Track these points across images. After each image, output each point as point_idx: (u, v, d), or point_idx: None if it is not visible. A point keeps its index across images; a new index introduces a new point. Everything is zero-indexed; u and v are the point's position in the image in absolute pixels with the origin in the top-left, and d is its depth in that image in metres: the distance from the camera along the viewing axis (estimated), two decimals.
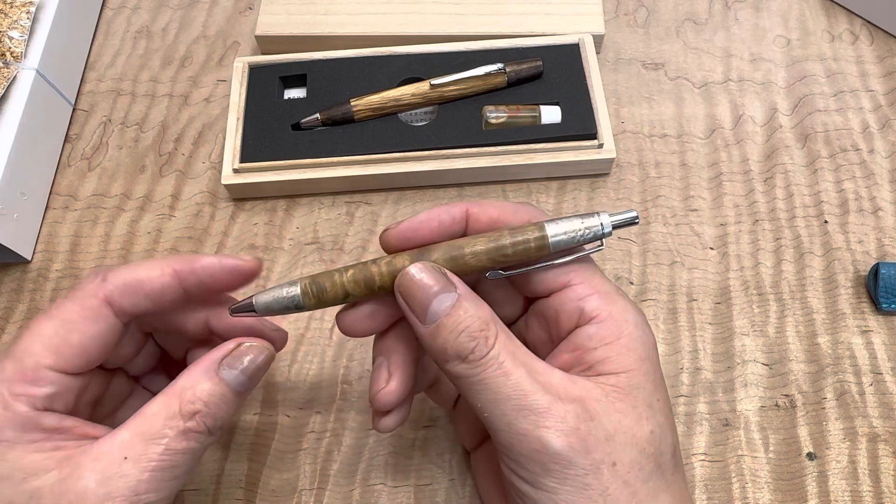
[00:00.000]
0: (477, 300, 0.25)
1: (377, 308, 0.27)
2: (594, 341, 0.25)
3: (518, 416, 0.23)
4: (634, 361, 0.25)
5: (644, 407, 0.25)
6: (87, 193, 0.44)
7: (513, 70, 0.42)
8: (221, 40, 0.49)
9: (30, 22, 0.43)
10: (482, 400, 0.24)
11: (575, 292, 0.26)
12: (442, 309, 0.24)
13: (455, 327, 0.24)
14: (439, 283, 0.25)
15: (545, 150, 0.41)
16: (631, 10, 0.49)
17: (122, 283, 0.27)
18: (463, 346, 0.24)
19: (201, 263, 0.27)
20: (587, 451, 0.23)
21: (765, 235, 0.41)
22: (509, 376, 0.24)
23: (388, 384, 0.27)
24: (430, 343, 0.25)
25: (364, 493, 0.34)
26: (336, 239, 0.41)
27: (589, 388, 0.24)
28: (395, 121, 0.42)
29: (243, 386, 0.26)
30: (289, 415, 0.36)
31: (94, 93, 0.47)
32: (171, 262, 0.27)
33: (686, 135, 0.44)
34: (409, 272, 0.25)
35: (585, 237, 0.26)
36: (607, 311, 0.26)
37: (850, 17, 0.48)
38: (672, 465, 0.25)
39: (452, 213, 0.27)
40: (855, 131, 0.44)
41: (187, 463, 0.25)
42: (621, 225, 0.26)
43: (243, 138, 0.42)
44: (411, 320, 0.25)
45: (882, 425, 0.35)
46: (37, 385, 0.25)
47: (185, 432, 0.25)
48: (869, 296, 0.38)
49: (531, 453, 0.23)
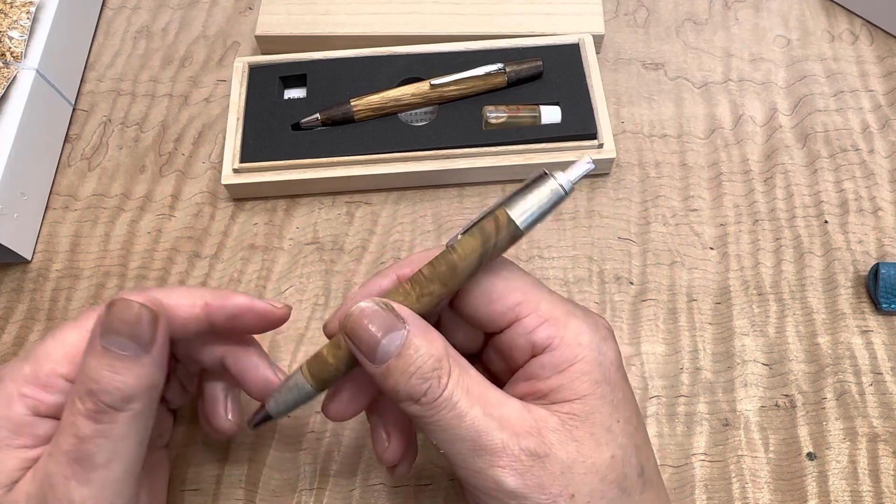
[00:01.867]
0: (428, 334, 0.24)
1: (354, 390, 0.27)
2: (547, 370, 0.25)
3: (473, 456, 0.23)
4: (588, 386, 0.25)
5: (603, 432, 0.24)
6: (87, 193, 0.44)
7: (513, 70, 0.42)
8: (221, 40, 0.49)
9: (30, 22, 0.43)
10: (437, 439, 0.24)
11: (523, 326, 0.26)
12: (392, 349, 0.24)
13: (406, 369, 0.23)
14: (385, 323, 0.24)
15: (545, 150, 0.41)
16: (631, 10, 0.49)
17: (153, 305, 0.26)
18: (415, 388, 0.23)
19: (233, 302, 0.27)
20: (542, 487, 0.23)
21: (765, 235, 0.41)
22: (463, 418, 0.23)
23: (389, 444, 0.28)
24: (383, 384, 0.24)
25: (364, 493, 0.34)
26: (336, 239, 0.41)
27: (544, 416, 0.24)
28: (395, 121, 0.42)
29: (124, 347, 0.24)
30: (289, 415, 0.36)
31: (94, 93, 0.47)
32: (204, 295, 0.27)
33: (686, 135, 0.44)
34: (353, 313, 0.24)
35: (551, 202, 0.25)
36: (559, 337, 0.25)
37: (850, 17, 0.48)
38: (640, 485, 0.25)
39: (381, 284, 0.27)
40: (855, 131, 0.44)
41: (109, 446, 0.24)
42: (579, 177, 0.25)
43: (243, 138, 0.42)
44: (362, 361, 0.24)
45: (882, 425, 0.35)
46: (47, 391, 0.25)
47: (87, 415, 0.23)
48: (869, 296, 0.38)
49: (488, 490, 0.23)
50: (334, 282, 0.40)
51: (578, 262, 0.40)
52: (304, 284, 0.40)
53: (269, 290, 0.40)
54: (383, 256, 0.41)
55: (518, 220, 0.24)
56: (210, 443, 0.36)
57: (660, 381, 0.37)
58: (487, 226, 0.25)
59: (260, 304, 0.28)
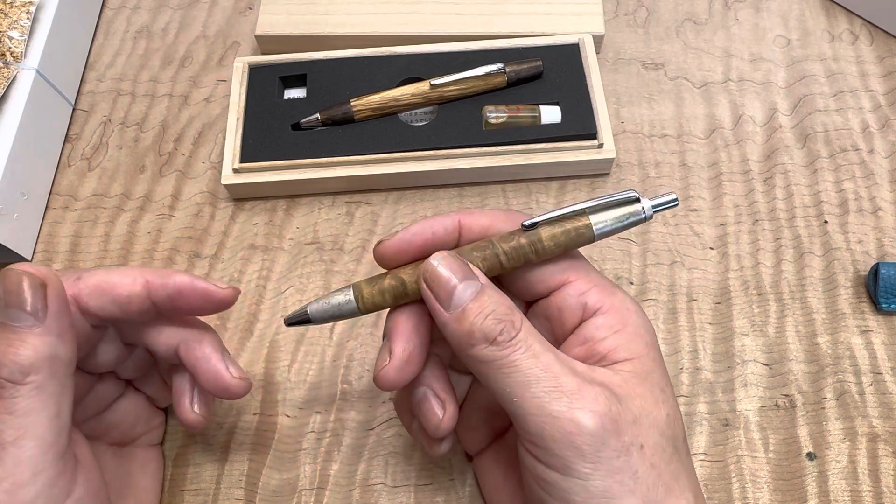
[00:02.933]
0: (499, 291, 0.25)
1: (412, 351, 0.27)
2: (603, 331, 0.26)
3: (550, 398, 0.23)
4: (643, 347, 0.26)
5: (658, 391, 0.25)
6: (87, 193, 0.44)
7: (513, 70, 0.42)
8: (221, 40, 0.49)
9: (30, 22, 0.43)
10: (511, 384, 0.24)
11: (575, 288, 0.27)
12: (467, 295, 0.25)
13: (481, 310, 0.24)
14: (462, 271, 0.25)
15: (545, 150, 0.41)
16: (631, 10, 0.49)
17: (93, 283, 0.26)
18: (491, 328, 0.24)
19: (173, 280, 0.27)
20: (619, 432, 0.23)
21: (765, 235, 0.41)
22: (539, 358, 0.24)
23: (446, 411, 0.27)
24: (456, 328, 0.24)
25: (364, 493, 0.34)
26: (336, 239, 0.41)
27: (609, 374, 0.25)
28: (395, 121, 0.42)
29: (16, 318, 0.24)
30: (289, 415, 0.36)
31: (94, 93, 0.47)
32: (144, 273, 0.27)
33: (686, 135, 0.44)
34: (432, 262, 0.25)
35: (629, 223, 0.26)
36: (609, 302, 0.26)
37: (850, 17, 0.48)
38: (685, 448, 0.26)
39: (445, 223, 0.27)
40: (855, 131, 0.44)
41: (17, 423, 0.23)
42: (662, 208, 0.27)
43: (243, 138, 0.42)
44: (435, 309, 0.25)
45: (882, 425, 0.35)
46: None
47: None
48: (869, 296, 0.38)
49: (564, 436, 0.23)
50: (334, 282, 0.40)
51: None
52: (304, 284, 0.40)
53: (269, 290, 0.40)
54: None
55: (596, 227, 0.26)
56: (210, 443, 0.36)
57: None
58: (573, 228, 0.26)
59: (201, 284, 0.28)
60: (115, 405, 0.32)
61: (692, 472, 0.26)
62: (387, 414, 0.36)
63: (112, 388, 0.31)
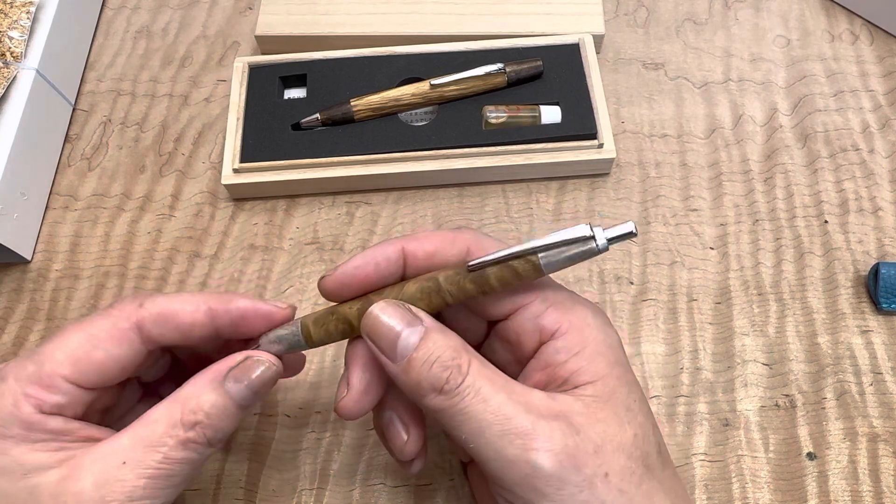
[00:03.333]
0: (445, 330, 0.25)
1: (365, 387, 0.27)
2: (562, 355, 0.25)
3: (504, 442, 0.23)
4: (605, 367, 0.25)
5: (624, 411, 0.24)
6: (87, 193, 0.44)
7: (513, 70, 0.42)
8: (221, 40, 0.49)
9: (30, 22, 0.43)
10: (465, 431, 0.23)
11: (530, 311, 0.26)
12: (410, 344, 0.24)
13: (426, 360, 0.24)
14: (404, 319, 0.24)
15: (545, 150, 0.41)
16: (631, 10, 0.49)
17: (156, 311, 0.26)
18: (436, 377, 0.24)
19: (237, 305, 0.27)
20: (578, 467, 0.23)
21: (765, 235, 0.41)
22: (488, 402, 0.23)
23: (409, 436, 0.27)
24: (405, 380, 0.24)
25: (364, 493, 0.34)
26: (336, 239, 0.41)
27: (569, 402, 0.24)
28: (395, 121, 0.42)
29: (247, 400, 0.26)
30: (289, 415, 0.36)
31: (94, 93, 0.47)
32: (207, 300, 0.27)
33: (686, 135, 0.44)
34: (373, 312, 0.25)
35: (579, 257, 0.25)
36: (567, 321, 0.26)
37: (850, 17, 0.48)
38: (660, 462, 0.25)
39: (387, 253, 0.27)
40: (855, 131, 0.44)
41: (185, 472, 0.25)
42: (617, 239, 0.24)
43: (243, 138, 0.42)
44: (382, 360, 0.25)
45: (882, 425, 0.35)
46: (49, 392, 0.25)
47: (184, 442, 0.24)
48: (869, 296, 0.38)
49: (522, 479, 0.23)
50: None
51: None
52: (304, 284, 0.40)
53: (269, 290, 0.40)
54: None
55: (545, 264, 0.25)
56: None
57: (660, 381, 0.37)
58: (520, 268, 0.25)
59: (263, 306, 0.28)
60: (134, 408, 0.32)
61: (672, 486, 0.25)
62: None
63: (135, 392, 0.31)
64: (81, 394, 0.26)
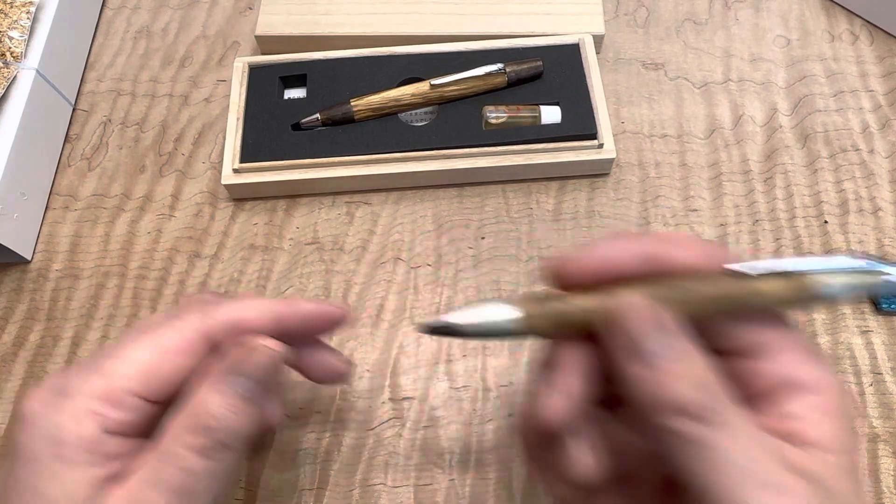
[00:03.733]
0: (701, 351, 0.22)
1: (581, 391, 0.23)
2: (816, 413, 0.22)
3: (746, 488, 0.20)
4: (850, 437, 0.22)
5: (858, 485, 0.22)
6: (87, 193, 0.44)
7: (513, 70, 0.42)
8: (221, 40, 0.49)
9: (30, 22, 0.43)
10: (700, 465, 0.20)
11: (782, 355, 0.23)
12: (669, 352, 0.21)
13: (685, 375, 0.21)
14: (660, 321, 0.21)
15: (545, 150, 0.41)
16: (631, 10, 0.49)
17: (224, 320, 0.26)
18: (695, 399, 0.20)
19: (303, 309, 0.27)
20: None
21: (765, 235, 0.41)
22: (737, 440, 0.20)
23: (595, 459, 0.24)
24: (650, 390, 0.21)
25: (364, 493, 0.34)
26: (336, 239, 0.41)
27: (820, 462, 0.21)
28: (395, 121, 0.42)
29: (251, 391, 0.25)
30: (289, 415, 0.36)
31: (94, 93, 0.47)
32: (274, 306, 0.27)
33: (686, 135, 0.44)
34: (638, 303, 0.22)
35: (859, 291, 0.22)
36: (817, 376, 0.22)
37: (850, 17, 0.48)
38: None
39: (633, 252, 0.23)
40: (855, 131, 0.44)
41: (209, 482, 0.24)
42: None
43: (243, 138, 0.42)
44: (622, 362, 0.22)
45: (882, 425, 0.35)
46: (118, 409, 0.24)
47: (199, 451, 0.23)
48: (869, 296, 0.39)
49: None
50: (334, 282, 0.40)
51: None
52: (304, 284, 0.40)
53: (269, 291, 0.40)
54: (383, 256, 0.41)
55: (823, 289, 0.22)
56: None
57: None
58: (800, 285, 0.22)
59: (326, 308, 0.27)
60: None
61: None
62: (387, 414, 0.36)
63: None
64: (148, 408, 0.24)
